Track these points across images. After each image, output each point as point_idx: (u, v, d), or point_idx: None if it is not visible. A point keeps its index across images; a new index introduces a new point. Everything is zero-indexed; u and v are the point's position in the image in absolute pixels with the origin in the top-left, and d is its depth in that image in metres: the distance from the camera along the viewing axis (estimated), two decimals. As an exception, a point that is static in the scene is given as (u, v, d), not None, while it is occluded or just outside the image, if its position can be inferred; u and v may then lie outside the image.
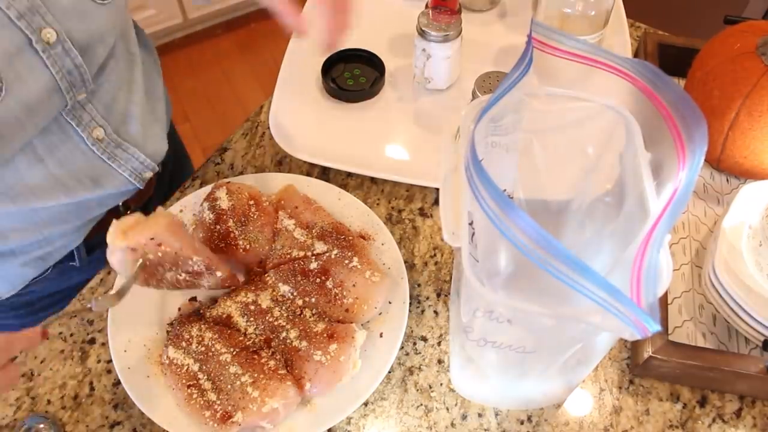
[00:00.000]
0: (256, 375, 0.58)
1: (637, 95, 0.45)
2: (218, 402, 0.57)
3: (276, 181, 0.74)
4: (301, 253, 0.66)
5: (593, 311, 0.36)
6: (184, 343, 0.61)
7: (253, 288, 0.65)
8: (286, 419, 0.58)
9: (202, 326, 0.62)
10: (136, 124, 0.69)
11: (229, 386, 0.58)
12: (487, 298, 0.39)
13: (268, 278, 0.66)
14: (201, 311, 0.65)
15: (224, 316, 0.64)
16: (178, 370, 0.60)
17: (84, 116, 0.61)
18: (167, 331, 0.64)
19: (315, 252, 0.66)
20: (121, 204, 0.74)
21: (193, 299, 0.67)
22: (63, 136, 0.61)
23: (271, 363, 0.59)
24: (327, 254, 0.65)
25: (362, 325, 0.64)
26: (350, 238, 0.66)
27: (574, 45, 0.45)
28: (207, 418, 0.57)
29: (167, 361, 0.61)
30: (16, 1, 0.50)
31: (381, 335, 0.63)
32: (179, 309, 0.66)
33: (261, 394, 0.56)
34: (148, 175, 0.71)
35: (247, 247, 0.67)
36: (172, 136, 0.85)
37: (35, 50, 0.52)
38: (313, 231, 0.68)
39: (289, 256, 0.66)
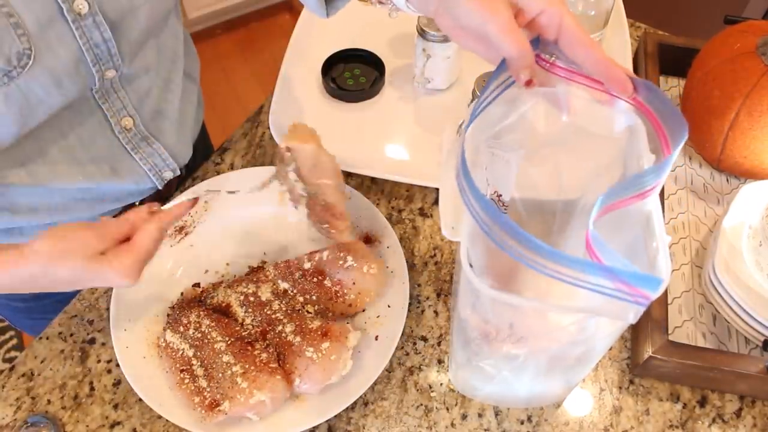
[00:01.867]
0: (247, 366, 0.58)
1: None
2: (208, 389, 0.58)
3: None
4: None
5: (591, 300, 0.37)
6: (181, 328, 0.62)
7: (255, 279, 0.65)
8: (273, 413, 0.59)
9: (201, 313, 0.62)
10: (167, 123, 0.69)
11: (220, 374, 0.58)
12: (485, 293, 0.39)
13: (268, 272, 0.66)
14: (202, 298, 0.66)
15: (224, 304, 0.64)
16: (174, 354, 0.61)
17: (116, 103, 0.62)
18: (167, 315, 0.65)
19: (307, 252, 0.66)
20: (138, 203, 0.74)
21: (196, 285, 0.68)
22: (92, 119, 0.61)
23: (264, 356, 0.59)
24: (319, 255, 0.65)
25: (359, 326, 0.64)
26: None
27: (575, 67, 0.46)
28: (196, 404, 0.57)
29: (164, 344, 0.62)
30: None
31: (376, 338, 0.63)
32: (181, 293, 0.67)
33: (250, 385, 0.57)
34: (168, 175, 0.72)
35: None
36: (204, 148, 0.85)
37: (66, 20, 0.52)
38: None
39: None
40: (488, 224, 0.37)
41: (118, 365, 0.63)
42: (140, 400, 0.61)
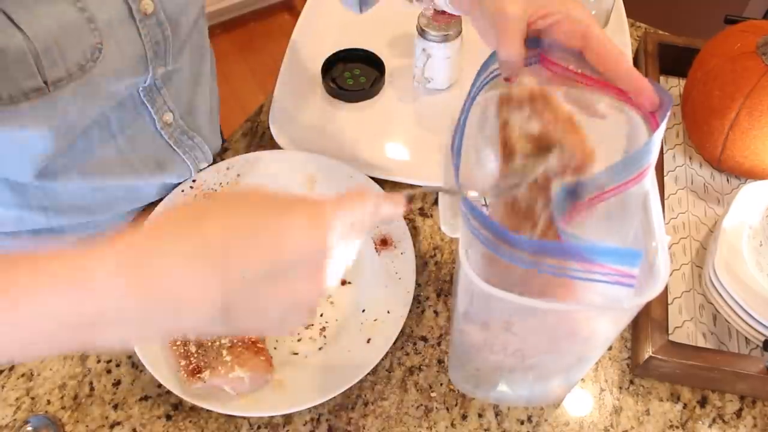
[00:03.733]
0: (235, 341, 0.59)
1: None
2: (195, 355, 0.59)
3: (305, 162, 0.75)
4: None
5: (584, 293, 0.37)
6: None
7: None
8: (252, 392, 0.59)
9: None
10: (201, 115, 0.72)
11: (209, 344, 0.59)
12: (482, 287, 0.39)
13: None
14: None
15: None
16: None
17: (158, 99, 0.64)
18: None
19: None
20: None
21: None
22: (136, 115, 0.63)
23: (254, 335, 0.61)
24: None
25: (355, 327, 0.64)
26: None
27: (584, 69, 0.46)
28: (181, 366, 0.59)
29: None
30: None
31: (368, 341, 0.63)
32: None
33: (233, 360, 0.58)
34: (203, 165, 0.74)
35: None
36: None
37: (133, 19, 0.54)
38: None
39: None
40: (469, 216, 0.37)
41: (118, 365, 0.63)
42: (140, 399, 0.61)
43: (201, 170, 0.74)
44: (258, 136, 0.83)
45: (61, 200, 0.65)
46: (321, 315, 0.65)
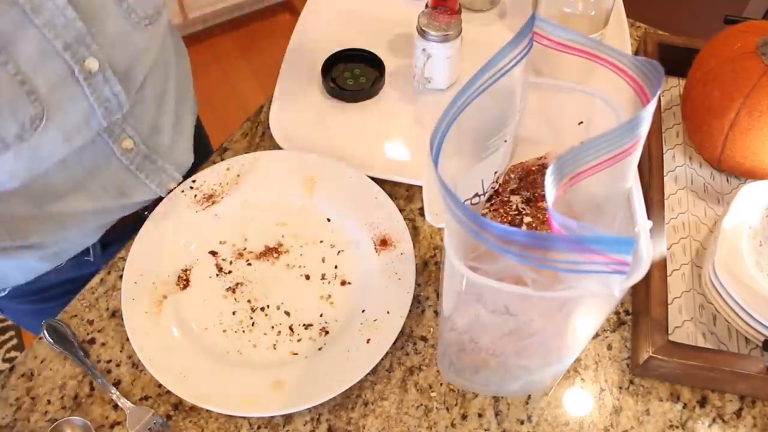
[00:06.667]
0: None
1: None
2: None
3: (305, 162, 0.75)
4: None
5: (571, 282, 0.37)
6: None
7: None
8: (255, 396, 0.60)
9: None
10: (165, 135, 0.70)
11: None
12: (469, 278, 0.39)
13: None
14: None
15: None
16: None
17: (115, 128, 0.62)
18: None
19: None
20: (144, 211, 0.75)
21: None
22: (92, 145, 0.61)
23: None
24: None
25: (354, 327, 0.64)
26: None
27: (573, 38, 0.45)
28: None
29: None
30: (63, 32, 0.50)
31: (368, 341, 0.63)
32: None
33: None
34: (172, 185, 0.73)
35: None
36: (200, 138, 0.86)
37: (77, 79, 0.53)
38: None
39: None
40: (452, 209, 0.37)
41: (118, 365, 0.63)
42: (140, 399, 0.61)
43: (171, 190, 0.73)
44: (258, 136, 0.83)
45: (25, 229, 0.63)
46: (321, 315, 0.66)
